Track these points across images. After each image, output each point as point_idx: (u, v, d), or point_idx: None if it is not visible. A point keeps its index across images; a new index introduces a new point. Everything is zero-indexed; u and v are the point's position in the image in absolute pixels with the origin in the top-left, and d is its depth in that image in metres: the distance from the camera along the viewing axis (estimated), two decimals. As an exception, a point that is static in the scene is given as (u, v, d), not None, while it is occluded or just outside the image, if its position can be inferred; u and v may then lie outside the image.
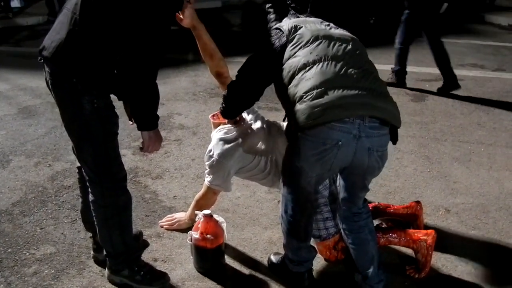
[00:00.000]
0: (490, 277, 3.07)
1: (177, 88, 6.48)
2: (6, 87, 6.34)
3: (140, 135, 2.71)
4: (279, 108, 5.72)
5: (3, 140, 4.82)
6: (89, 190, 2.76)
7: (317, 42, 2.54)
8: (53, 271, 3.03)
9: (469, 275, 3.07)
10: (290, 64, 2.54)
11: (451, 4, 6.43)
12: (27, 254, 3.17)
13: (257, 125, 3.18)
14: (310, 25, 2.65)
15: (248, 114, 3.22)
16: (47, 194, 3.87)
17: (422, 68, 7.26)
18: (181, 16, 3.04)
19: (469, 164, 4.50)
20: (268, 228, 3.50)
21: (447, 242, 3.36)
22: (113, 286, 2.91)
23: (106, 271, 2.93)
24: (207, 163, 3.11)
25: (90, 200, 2.78)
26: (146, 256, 3.15)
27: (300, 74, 2.47)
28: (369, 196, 3.18)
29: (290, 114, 2.52)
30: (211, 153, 3.08)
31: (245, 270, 3.09)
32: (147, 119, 2.64)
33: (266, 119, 3.30)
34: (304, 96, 2.41)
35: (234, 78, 2.81)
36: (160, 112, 2.66)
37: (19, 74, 6.83)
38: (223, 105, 2.89)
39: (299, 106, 2.43)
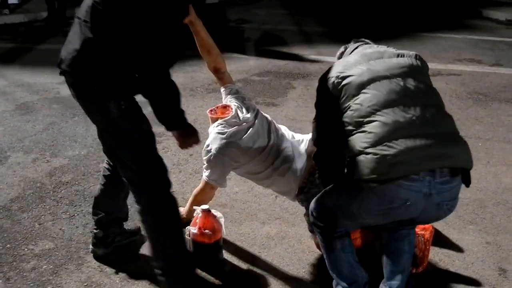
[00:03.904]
0: (487, 271, 3.08)
1: (174, 83, 6.47)
2: (3, 83, 6.32)
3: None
4: (277, 103, 5.76)
5: (1, 136, 4.81)
6: (135, 200, 2.68)
7: (366, 91, 2.35)
8: (51, 267, 3.03)
9: (466, 270, 3.09)
10: (346, 117, 2.38)
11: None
12: (26, 249, 3.18)
13: (256, 122, 3.18)
14: (355, 69, 2.43)
15: (248, 112, 3.22)
16: (45, 190, 3.87)
17: (420, 63, 7.21)
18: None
19: (467, 159, 4.51)
20: (266, 223, 3.51)
21: (445, 236, 3.37)
22: (112, 280, 2.92)
23: None
24: (204, 158, 3.12)
25: (137, 211, 2.69)
26: (144, 251, 3.16)
27: (359, 128, 2.33)
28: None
29: (351, 162, 2.36)
30: (208, 148, 3.09)
31: (243, 265, 3.10)
32: (172, 118, 2.56)
33: (265, 115, 3.30)
34: (367, 149, 2.27)
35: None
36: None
37: (17, 70, 6.81)
38: (322, 180, 2.78)
39: (362, 158, 2.28)
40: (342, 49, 2.77)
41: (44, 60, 7.11)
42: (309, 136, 3.16)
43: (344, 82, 2.41)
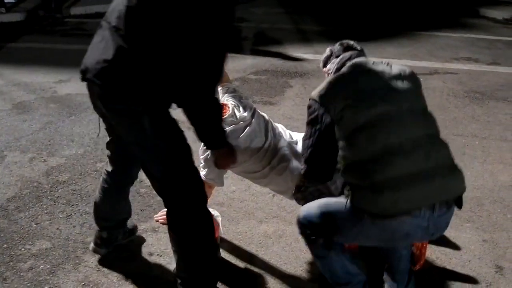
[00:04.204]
0: (484, 269, 3.09)
1: (172, 83, 6.46)
2: (0, 83, 6.31)
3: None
4: (274, 102, 5.76)
5: (-3, 135, 4.81)
6: (167, 211, 2.55)
7: (373, 124, 2.27)
8: (48, 266, 3.03)
9: (463, 268, 3.09)
10: (348, 148, 2.33)
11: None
12: (23, 249, 3.17)
13: (253, 121, 3.18)
14: (357, 94, 2.32)
15: (245, 111, 3.22)
16: (42, 189, 3.87)
17: (417, 62, 7.26)
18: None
19: (463, 157, 4.52)
20: (263, 221, 3.51)
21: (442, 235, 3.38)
22: (110, 280, 2.92)
23: None
24: (201, 157, 3.11)
25: (168, 222, 2.58)
26: (142, 251, 3.17)
27: (363, 162, 2.28)
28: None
29: (353, 190, 2.33)
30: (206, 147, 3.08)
31: (240, 264, 3.10)
32: (214, 138, 2.42)
33: (262, 114, 3.30)
34: (372, 183, 2.25)
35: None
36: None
37: (13, 69, 6.80)
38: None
39: (366, 191, 2.27)
40: (327, 52, 2.67)
41: (41, 59, 7.12)
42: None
43: (345, 108, 2.31)
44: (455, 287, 2.96)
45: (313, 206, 2.53)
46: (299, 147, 3.15)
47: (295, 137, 3.25)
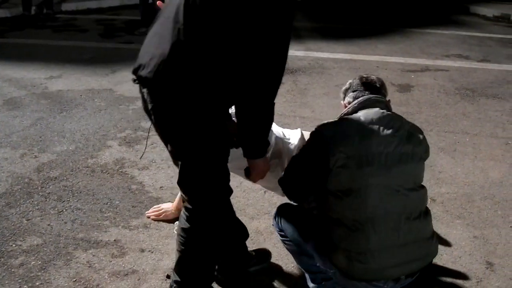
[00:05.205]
0: (474, 265, 3.10)
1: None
2: (-10, 79, 6.29)
3: (127, 125, 2.61)
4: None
5: (-12, 131, 4.79)
6: (186, 217, 2.41)
7: (365, 192, 2.25)
8: (40, 263, 3.02)
9: (454, 264, 3.11)
10: (334, 207, 2.33)
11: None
12: (14, 245, 3.16)
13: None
14: (359, 156, 2.27)
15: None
16: (33, 185, 3.85)
17: (408, 59, 7.28)
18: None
19: (454, 154, 4.54)
20: (255, 218, 3.52)
21: (432, 231, 3.39)
22: (101, 276, 2.91)
23: None
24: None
25: (182, 226, 2.42)
26: (133, 247, 3.16)
27: (343, 227, 2.30)
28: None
29: (331, 241, 2.35)
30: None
31: (232, 260, 3.10)
32: (258, 145, 2.28)
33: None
34: (345, 248, 2.29)
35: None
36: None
37: (4, 65, 6.75)
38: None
39: (341, 251, 2.31)
40: (347, 85, 2.60)
41: (32, 55, 7.07)
42: (298, 132, 3.16)
43: (345, 167, 2.27)
44: (446, 283, 2.98)
45: (292, 227, 2.61)
46: (292, 143, 3.15)
47: (287, 134, 3.25)
